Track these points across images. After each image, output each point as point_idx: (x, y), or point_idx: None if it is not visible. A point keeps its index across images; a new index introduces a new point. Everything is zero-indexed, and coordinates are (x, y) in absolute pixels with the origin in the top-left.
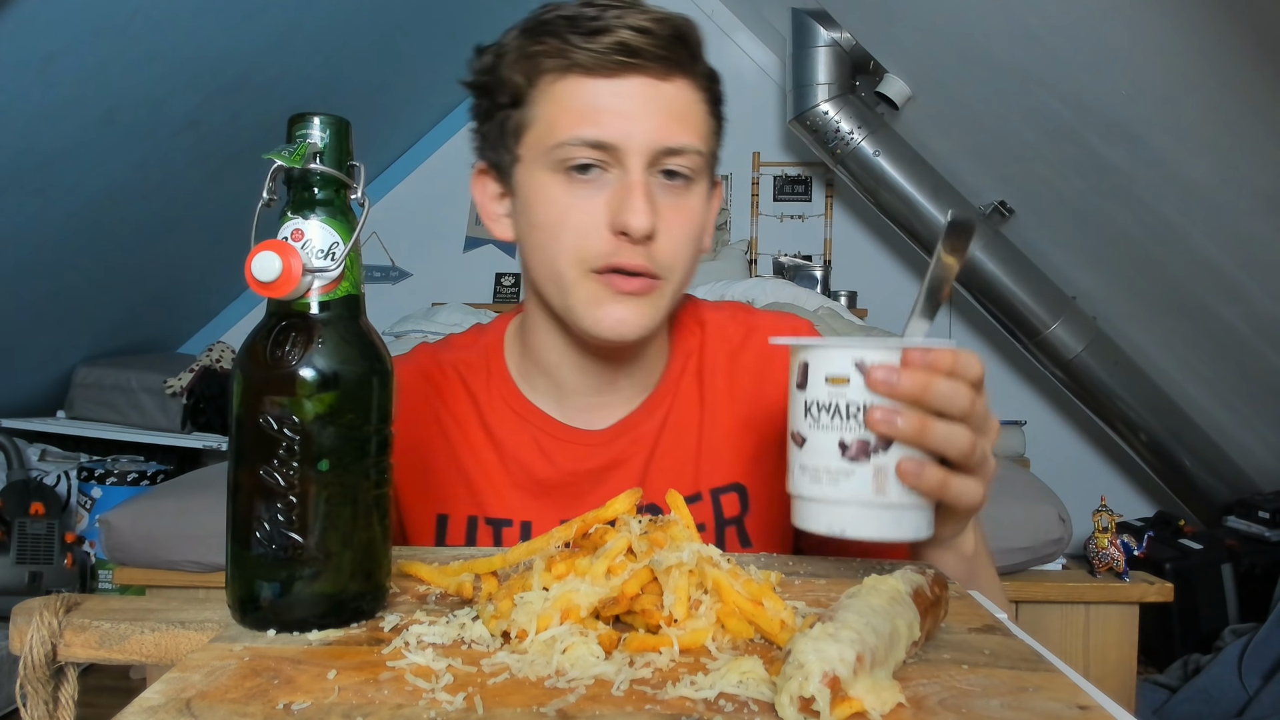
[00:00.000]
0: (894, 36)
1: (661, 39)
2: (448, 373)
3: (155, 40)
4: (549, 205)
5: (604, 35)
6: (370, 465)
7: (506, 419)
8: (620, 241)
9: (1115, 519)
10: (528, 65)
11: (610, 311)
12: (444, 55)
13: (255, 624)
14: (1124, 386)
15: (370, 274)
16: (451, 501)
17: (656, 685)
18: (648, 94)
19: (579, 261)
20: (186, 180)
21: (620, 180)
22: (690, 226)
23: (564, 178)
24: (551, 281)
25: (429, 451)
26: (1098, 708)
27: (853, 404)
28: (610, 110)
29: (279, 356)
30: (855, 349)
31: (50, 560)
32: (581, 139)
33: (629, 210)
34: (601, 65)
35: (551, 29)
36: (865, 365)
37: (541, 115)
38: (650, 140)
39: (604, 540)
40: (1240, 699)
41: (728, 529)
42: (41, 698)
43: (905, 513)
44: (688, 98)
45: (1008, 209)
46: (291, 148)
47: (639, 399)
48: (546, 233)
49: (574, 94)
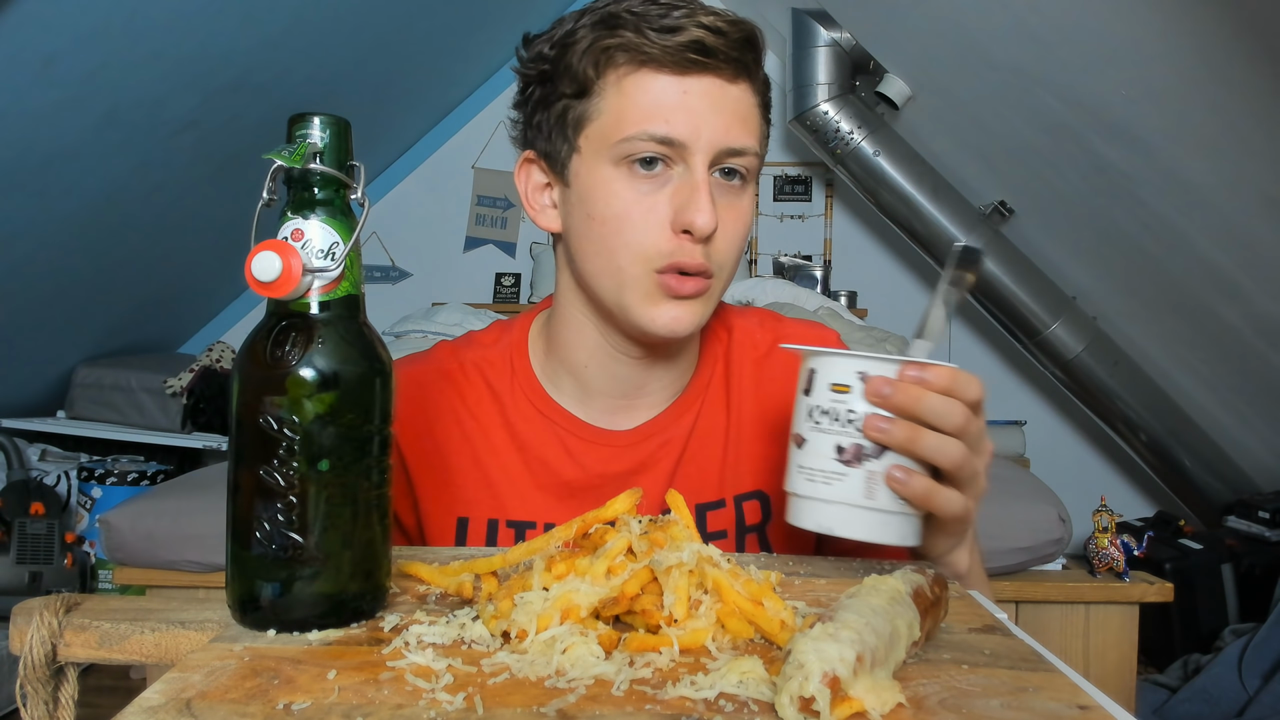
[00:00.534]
0: (894, 36)
1: (735, 41)
2: (469, 371)
3: (155, 40)
4: (611, 200)
5: (679, 33)
6: (370, 465)
7: (531, 419)
8: (682, 240)
9: (1115, 519)
10: (600, 56)
11: (665, 310)
12: (444, 55)
13: (255, 624)
14: (1124, 386)
15: (370, 274)
16: (472, 504)
17: (656, 685)
18: (716, 94)
19: (641, 259)
20: (186, 180)
21: (683, 178)
22: (743, 226)
23: (627, 172)
24: (608, 275)
25: (449, 453)
26: (1098, 708)
27: (852, 411)
28: (680, 108)
29: (279, 356)
30: (860, 360)
31: (50, 560)
32: (650, 134)
33: (695, 209)
34: (675, 62)
35: (626, 23)
36: (867, 376)
37: (609, 108)
38: (717, 140)
39: (604, 540)
40: (1240, 699)
41: (749, 536)
42: (41, 698)
43: (892, 518)
44: (750, 101)
45: (1008, 209)
46: (291, 148)
47: (666, 402)
48: (608, 226)
49: (645, 89)
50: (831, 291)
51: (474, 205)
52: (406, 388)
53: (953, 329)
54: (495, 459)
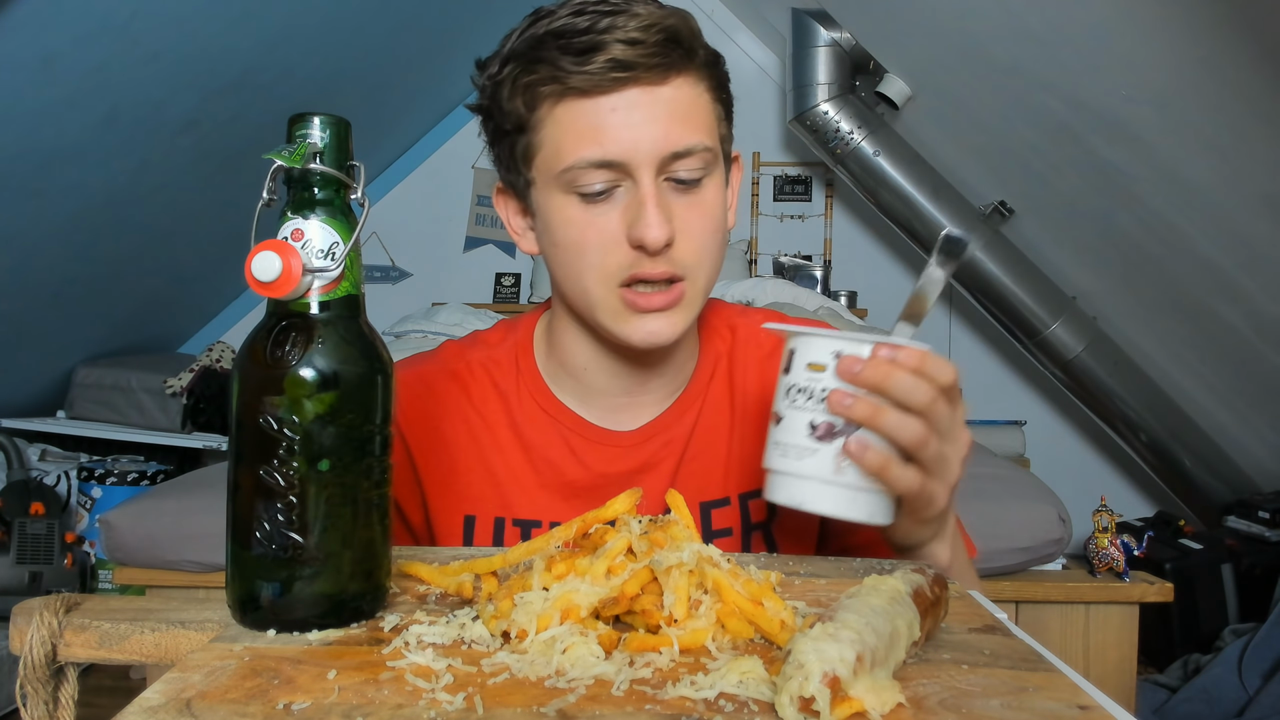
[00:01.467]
0: (894, 36)
1: (654, 45)
2: (476, 371)
3: (155, 40)
4: (567, 227)
5: (596, 53)
6: (370, 465)
7: (536, 418)
8: (640, 253)
9: (1115, 519)
10: (526, 94)
11: (640, 325)
12: (444, 55)
13: (255, 624)
14: (1124, 386)
15: (370, 274)
16: (479, 502)
17: (656, 685)
18: (646, 102)
19: (604, 278)
20: (186, 180)
21: (631, 193)
22: (709, 221)
23: (577, 198)
24: (579, 297)
25: (456, 452)
26: (1098, 708)
27: (825, 389)
28: (613, 127)
29: (279, 356)
30: (835, 340)
31: (50, 560)
32: (588, 160)
33: (643, 225)
34: (598, 85)
35: (543, 54)
36: (841, 354)
37: (548, 138)
38: (656, 149)
39: (604, 540)
40: (1240, 699)
41: (755, 533)
42: (41, 698)
43: (860, 494)
44: (688, 94)
45: (1008, 209)
46: (291, 148)
47: (668, 401)
48: (569, 252)
49: (575, 115)
50: (831, 291)
51: (474, 205)
52: (414, 386)
53: (953, 329)
54: (501, 458)
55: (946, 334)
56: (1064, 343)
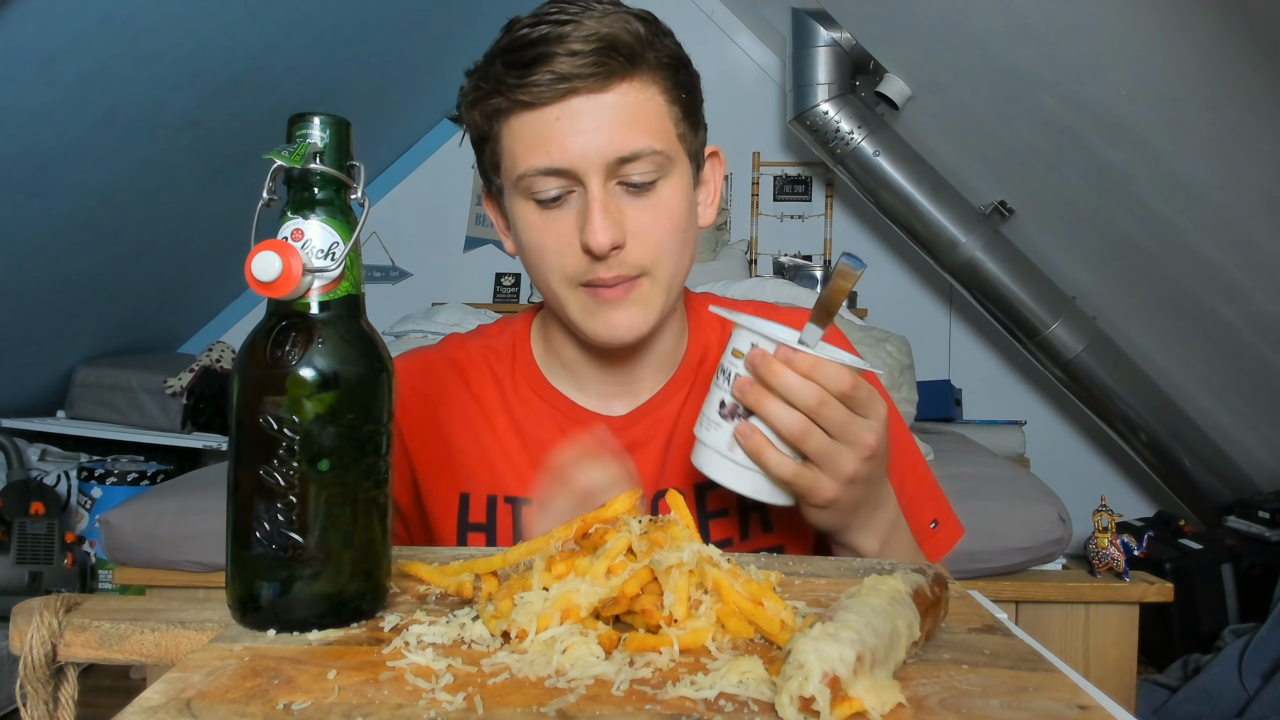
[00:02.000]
0: (894, 36)
1: (590, 56)
2: (475, 359)
3: (155, 40)
4: (529, 230)
5: (538, 66)
6: (370, 465)
7: (530, 402)
8: (590, 258)
9: (1115, 519)
10: (482, 108)
11: (605, 320)
12: (444, 55)
13: (255, 624)
14: (1124, 386)
15: (370, 274)
16: (473, 480)
17: (656, 685)
18: (589, 109)
19: (563, 279)
20: (187, 180)
21: (581, 199)
22: (666, 221)
23: (535, 203)
24: (548, 297)
25: (453, 432)
26: (1098, 708)
27: (736, 374)
28: (558, 136)
29: (279, 356)
30: (754, 334)
31: (50, 560)
32: (537, 168)
33: (588, 231)
34: (541, 97)
35: (492, 72)
36: (754, 346)
37: (505, 149)
38: (601, 155)
39: (604, 540)
40: (1240, 699)
41: (751, 514)
42: (41, 698)
43: (746, 472)
44: (634, 99)
45: (1008, 209)
46: (291, 148)
47: (658, 386)
48: (533, 254)
49: (524, 126)
50: None
51: (474, 205)
52: (414, 372)
53: (953, 329)
54: (495, 439)
55: (947, 334)
56: (1064, 343)
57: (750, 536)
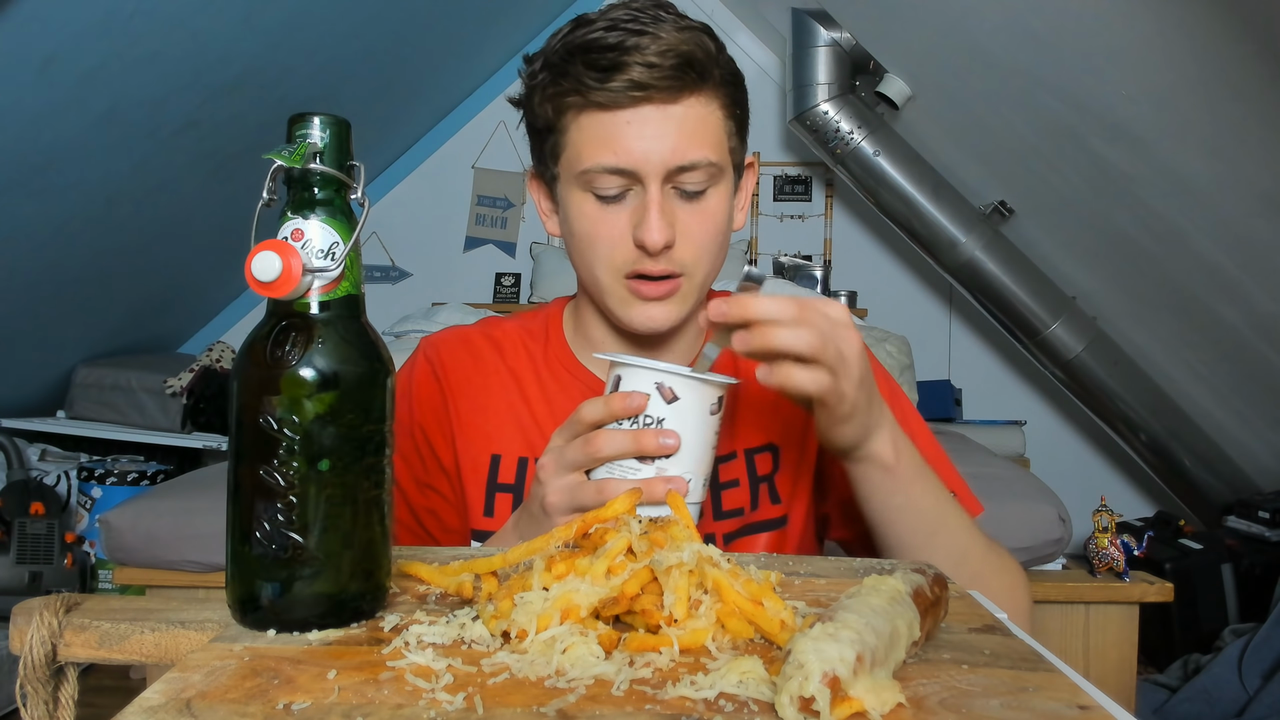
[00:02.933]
0: (894, 36)
1: (669, 70)
2: (511, 337)
3: (155, 40)
4: (582, 220)
5: (617, 73)
6: (370, 465)
7: (560, 376)
8: (642, 252)
9: (1115, 519)
10: (554, 103)
11: (641, 310)
12: (444, 55)
13: (255, 624)
14: (1124, 386)
15: (370, 274)
16: (507, 442)
17: (656, 685)
18: (658, 119)
19: (611, 269)
20: (186, 180)
21: (639, 198)
22: (710, 226)
23: (594, 197)
24: (590, 284)
25: (489, 398)
26: (1098, 708)
27: (658, 418)
28: (626, 139)
29: (279, 356)
30: (655, 373)
31: (50, 560)
32: (603, 166)
33: (645, 228)
34: (616, 100)
35: (570, 69)
36: (659, 385)
37: (570, 142)
38: (664, 162)
39: (604, 540)
40: (1240, 699)
41: (761, 485)
42: (41, 698)
43: None
44: (699, 112)
45: (1008, 209)
46: (291, 148)
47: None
48: (583, 243)
49: (594, 125)
50: (831, 291)
51: (474, 205)
52: (455, 343)
53: (953, 329)
54: (527, 406)
55: (947, 334)
56: (1064, 343)
57: (759, 507)
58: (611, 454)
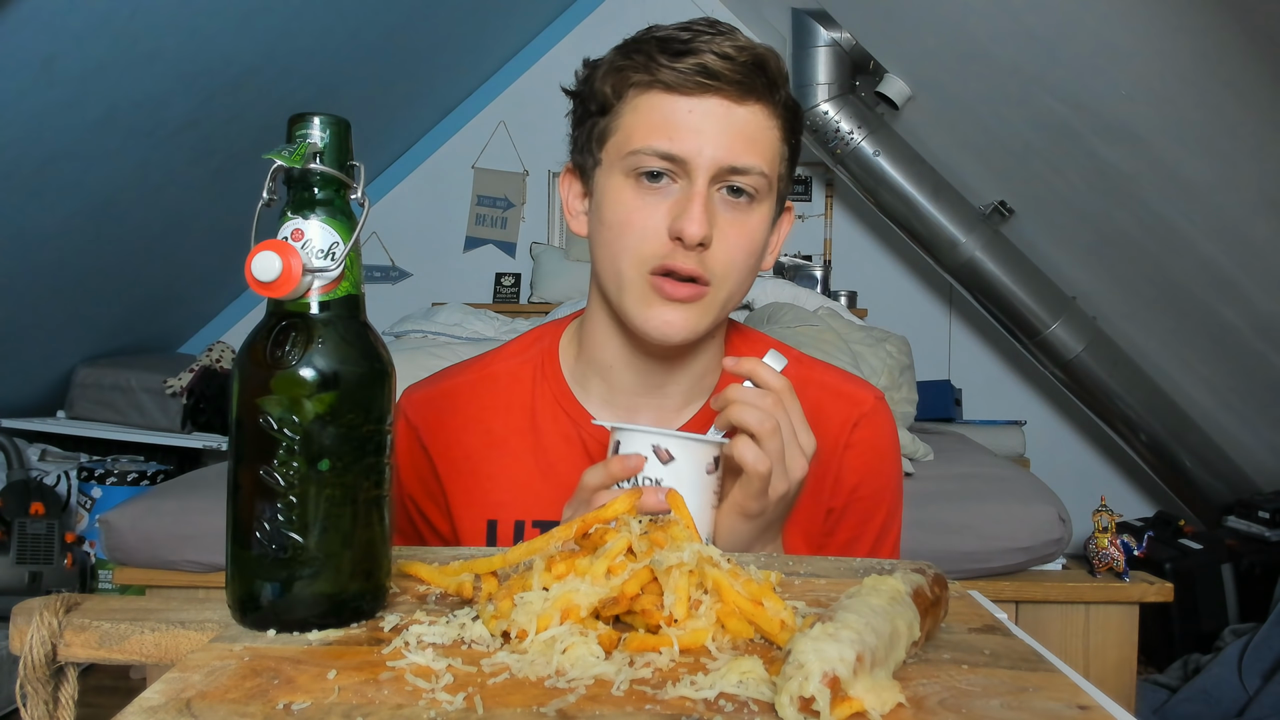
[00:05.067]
0: (894, 36)
1: (741, 65)
2: (501, 381)
3: (155, 40)
4: (618, 206)
5: (688, 57)
6: (370, 465)
7: (558, 420)
8: (676, 245)
9: (1115, 519)
10: (617, 78)
11: (659, 313)
12: (444, 55)
13: (255, 624)
14: (1124, 386)
15: (370, 274)
16: (500, 508)
17: (656, 685)
18: (722, 114)
19: (637, 261)
20: (187, 180)
21: (683, 190)
22: (747, 242)
23: (635, 183)
24: (611, 278)
25: (478, 460)
26: (1098, 708)
27: (656, 478)
28: (684, 126)
29: (279, 356)
30: (651, 436)
31: (50, 560)
32: (655, 149)
33: (687, 218)
34: (683, 84)
35: (643, 48)
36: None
37: (624, 124)
38: (717, 157)
39: (604, 540)
40: (1240, 699)
41: None
42: (41, 698)
43: None
44: (760, 122)
45: (1008, 209)
46: (291, 148)
47: (687, 412)
48: (613, 231)
49: (654, 107)
50: (831, 291)
51: (474, 205)
52: (438, 401)
53: (953, 329)
54: (519, 464)
55: (947, 334)
56: (1064, 343)
57: None
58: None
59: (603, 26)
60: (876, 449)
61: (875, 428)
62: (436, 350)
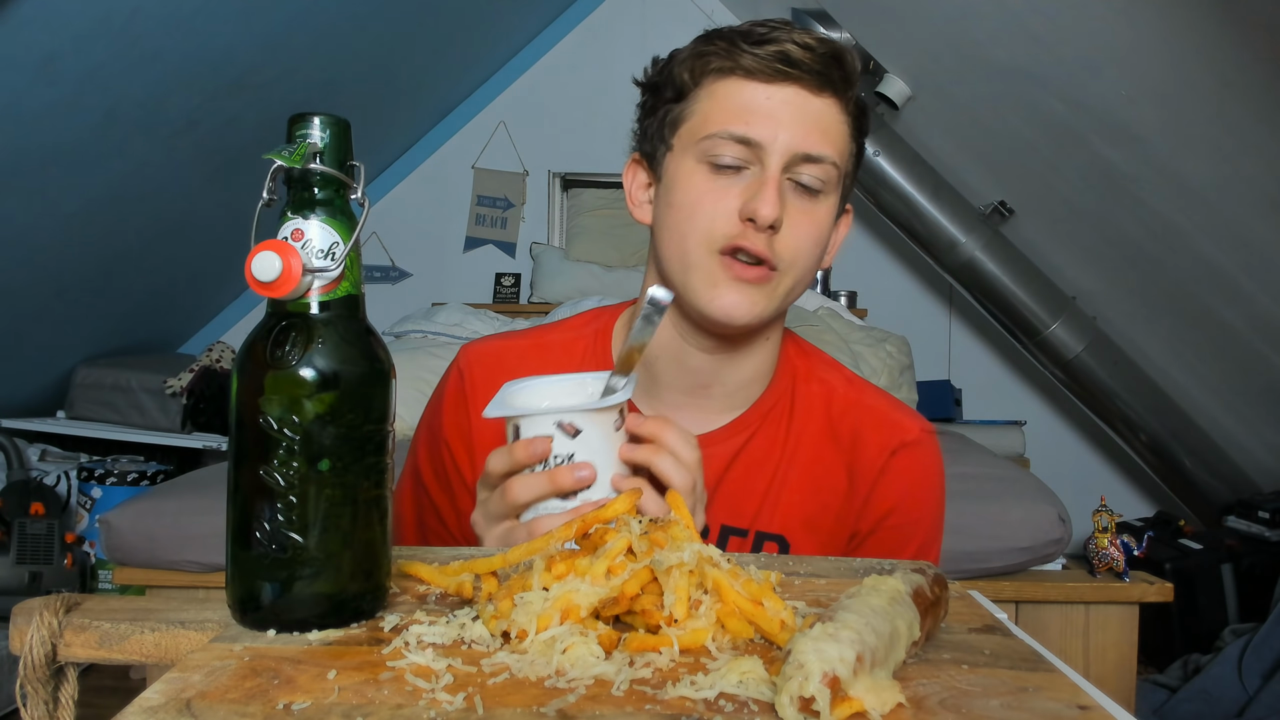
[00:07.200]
0: (894, 36)
1: (820, 55)
2: (555, 351)
3: (155, 40)
4: (689, 189)
5: (768, 44)
6: (370, 465)
7: None
8: (746, 227)
9: (1115, 519)
10: (696, 64)
11: (724, 293)
12: (444, 55)
13: (255, 624)
14: (1124, 386)
15: (370, 274)
16: None
17: (656, 685)
18: (799, 103)
19: (706, 241)
20: (187, 180)
21: (756, 175)
22: (814, 230)
23: (707, 166)
24: (677, 259)
25: None
26: (1098, 708)
27: (569, 456)
28: (762, 112)
29: (279, 356)
30: (554, 414)
31: (50, 560)
32: (731, 133)
33: (760, 200)
34: (762, 70)
35: (724, 36)
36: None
37: (700, 109)
38: (792, 144)
39: (604, 540)
40: (1240, 699)
41: (766, 544)
42: (41, 698)
43: None
44: (834, 116)
45: (1008, 209)
46: (291, 148)
47: (726, 417)
48: (683, 213)
49: (732, 93)
50: (831, 291)
51: (474, 205)
52: (488, 359)
53: (953, 329)
54: None
55: (947, 334)
56: (1064, 343)
57: None
58: (530, 499)
59: (603, 27)
60: (915, 479)
61: (916, 459)
62: (437, 350)
